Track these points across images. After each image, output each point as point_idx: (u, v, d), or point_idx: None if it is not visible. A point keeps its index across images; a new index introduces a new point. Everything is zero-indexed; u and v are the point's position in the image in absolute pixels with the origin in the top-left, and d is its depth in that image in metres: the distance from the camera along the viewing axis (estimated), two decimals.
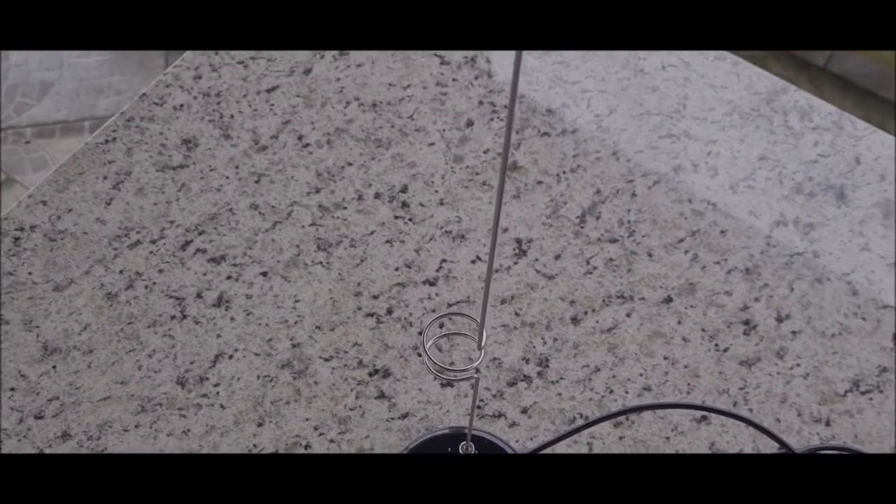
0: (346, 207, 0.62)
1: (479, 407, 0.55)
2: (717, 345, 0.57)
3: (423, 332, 0.56)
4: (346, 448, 0.53)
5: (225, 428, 0.54)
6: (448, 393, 0.55)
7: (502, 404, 0.55)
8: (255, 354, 0.56)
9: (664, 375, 0.56)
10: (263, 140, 0.64)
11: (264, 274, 0.59)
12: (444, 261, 0.60)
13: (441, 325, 0.58)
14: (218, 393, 0.55)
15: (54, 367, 0.55)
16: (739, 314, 0.58)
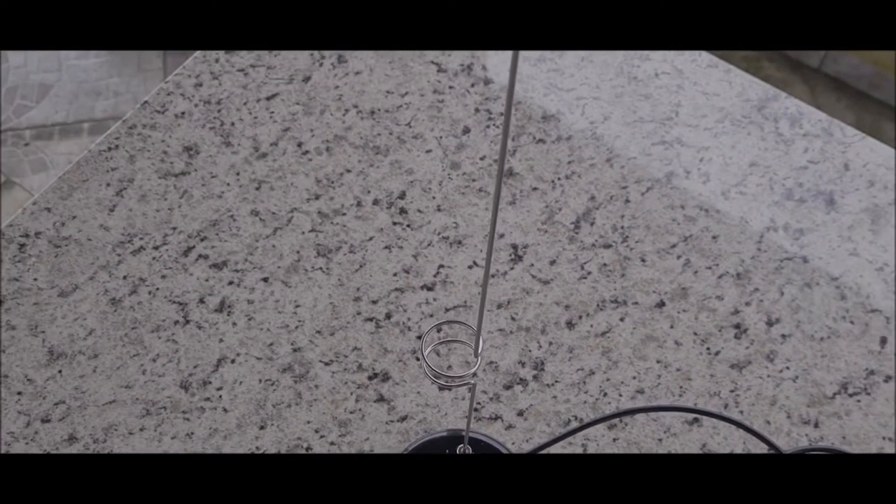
0: (345, 214, 0.63)
1: (476, 410, 0.56)
2: (708, 348, 0.59)
3: (421, 340, 0.58)
4: (347, 450, 0.55)
5: (228, 431, 0.55)
6: (446, 396, 0.57)
7: (499, 407, 0.56)
8: (256, 359, 0.57)
9: (657, 378, 0.58)
10: (263, 147, 0.65)
11: (265, 279, 0.60)
12: (441, 266, 0.61)
13: (439, 330, 0.59)
14: (221, 396, 0.56)
15: (60, 371, 0.57)
16: (730, 318, 0.60)
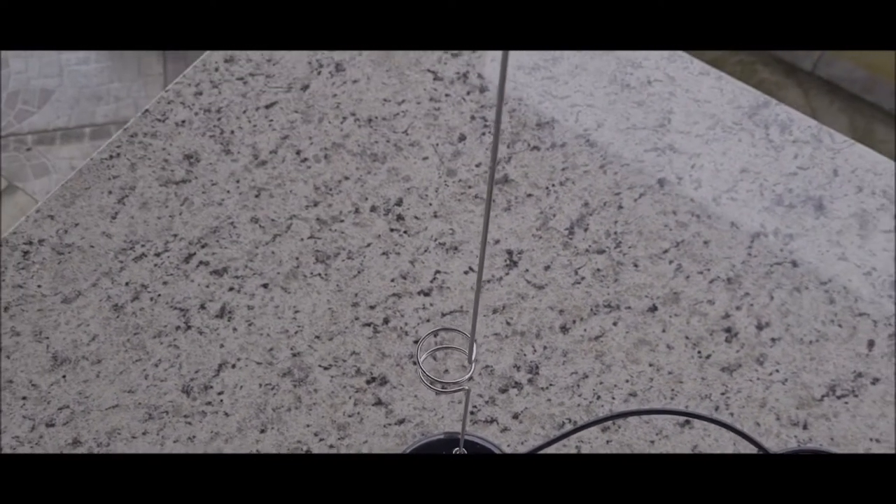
0: (343, 220, 0.64)
1: (472, 413, 0.57)
2: (699, 352, 0.60)
3: (417, 347, 0.59)
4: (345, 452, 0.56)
5: (229, 434, 0.56)
6: (443, 400, 0.58)
7: (494, 410, 0.58)
8: (256, 363, 0.59)
9: (649, 381, 0.59)
10: (263, 155, 0.66)
11: (265, 285, 0.61)
12: (438, 272, 0.62)
13: (436, 335, 0.60)
14: (222, 401, 0.57)
15: (64, 376, 0.58)
16: (721, 322, 0.61)
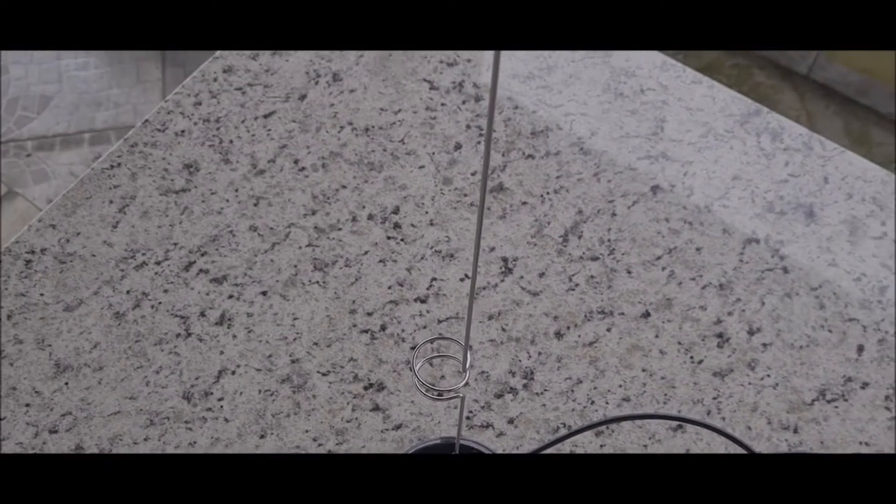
0: (340, 228, 0.65)
1: (468, 418, 0.58)
2: (692, 357, 0.61)
3: (413, 356, 0.60)
4: None
5: (229, 440, 0.57)
6: (439, 405, 0.59)
7: (490, 415, 0.59)
8: (256, 370, 0.60)
9: (642, 386, 0.60)
10: (261, 164, 0.67)
11: (264, 293, 0.62)
12: (434, 279, 0.63)
13: (431, 342, 0.61)
14: (222, 407, 0.58)
15: (67, 383, 0.59)
16: (713, 328, 0.62)
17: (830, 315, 0.62)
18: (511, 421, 0.58)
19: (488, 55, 0.73)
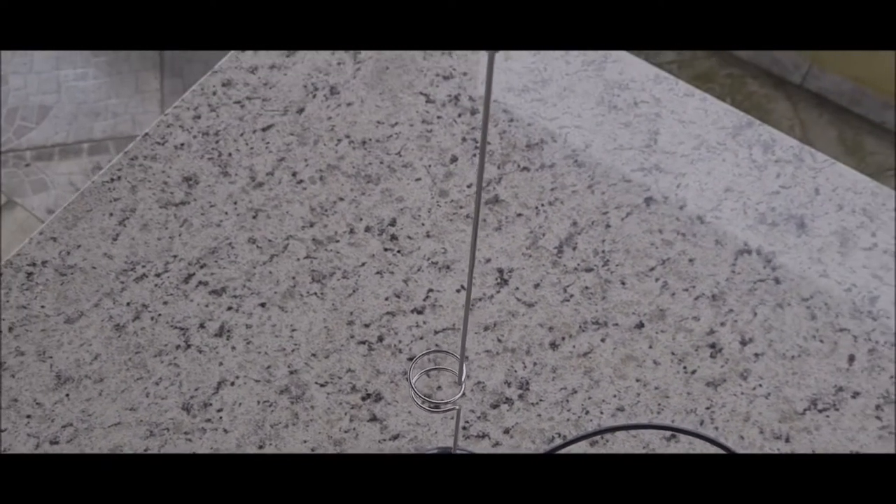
0: (338, 241, 0.66)
1: (464, 428, 0.59)
2: (685, 367, 0.62)
3: (409, 368, 0.60)
4: None
5: (228, 451, 0.58)
6: (436, 416, 0.59)
7: (486, 425, 0.59)
8: (255, 381, 0.60)
9: (636, 396, 0.60)
10: (260, 177, 0.68)
11: (263, 305, 0.63)
12: (430, 290, 0.64)
13: (428, 355, 0.62)
14: (221, 418, 0.59)
15: (67, 395, 0.59)
16: (706, 338, 0.63)
17: (822, 325, 0.63)
18: (507, 431, 0.59)
19: (483, 68, 0.74)
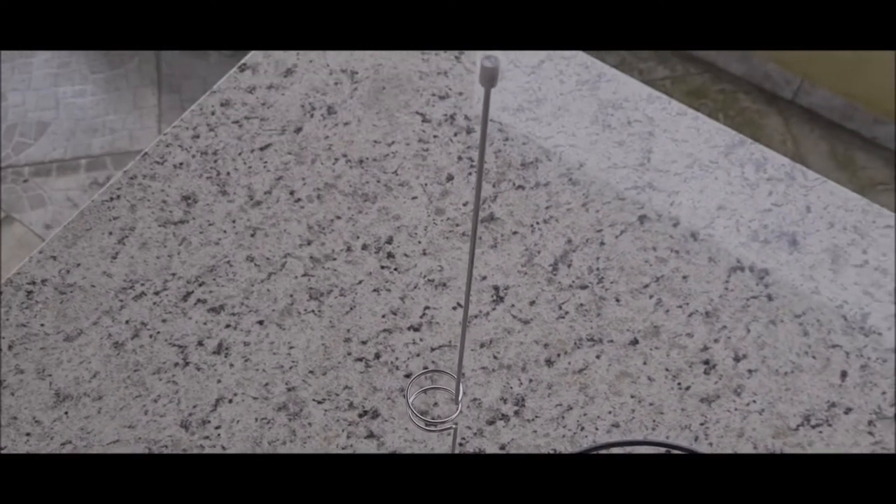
0: (335, 258, 0.66)
1: (460, 444, 0.60)
2: (679, 383, 0.62)
3: (406, 388, 0.61)
4: None
5: None
6: (432, 433, 0.60)
7: (482, 441, 0.60)
8: (253, 398, 0.61)
9: (631, 413, 0.61)
10: (258, 195, 0.69)
11: (260, 322, 0.64)
12: (427, 308, 0.65)
13: (425, 368, 0.62)
14: (219, 435, 0.59)
15: (66, 413, 0.60)
16: (700, 354, 0.63)
17: (814, 341, 0.64)
18: (503, 447, 0.60)
19: (479, 90, 0.75)
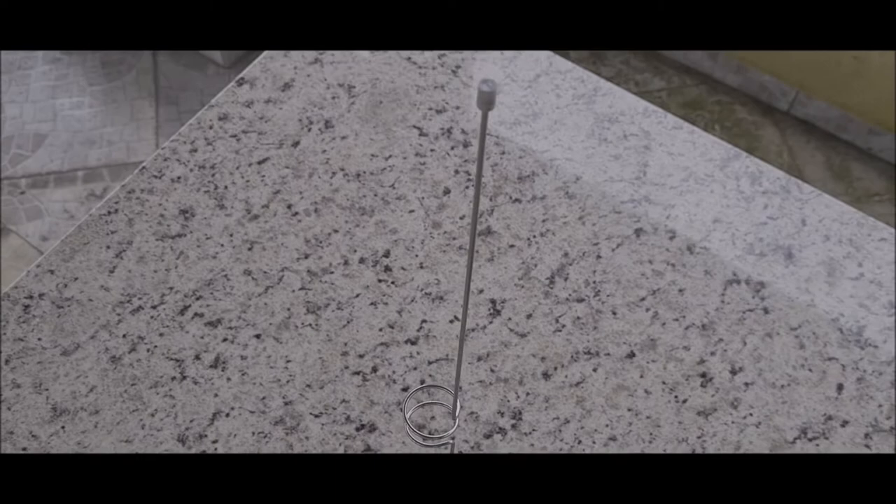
0: (332, 272, 0.67)
1: None
2: (676, 396, 0.62)
3: (403, 403, 0.61)
4: None
5: None
6: (429, 447, 0.60)
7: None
8: (250, 412, 0.61)
9: (628, 426, 0.61)
10: (255, 209, 0.69)
11: (258, 336, 0.64)
12: (424, 321, 0.65)
13: (422, 381, 0.62)
14: (216, 449, 0.59)
15: (63, 427, 0.60)
16: (697, 367, 0.63)
17: (810, 354, 0.64)
18: None
19: (475, 107, 0.75)
